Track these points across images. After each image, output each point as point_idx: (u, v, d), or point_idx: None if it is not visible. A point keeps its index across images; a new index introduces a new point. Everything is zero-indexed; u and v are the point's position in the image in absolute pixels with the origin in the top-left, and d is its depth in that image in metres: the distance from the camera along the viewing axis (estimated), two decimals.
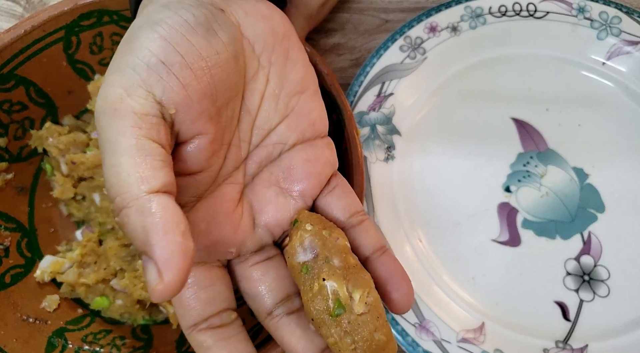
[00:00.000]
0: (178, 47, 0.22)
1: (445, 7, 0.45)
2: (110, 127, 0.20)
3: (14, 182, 0.37)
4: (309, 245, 0.23)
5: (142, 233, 0.18)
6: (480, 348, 0.36)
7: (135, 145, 0.20)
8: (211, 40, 0.23)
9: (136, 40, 0.22)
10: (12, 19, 0.50)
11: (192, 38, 0.22)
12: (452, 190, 0.41)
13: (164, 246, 0.18)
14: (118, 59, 0.22)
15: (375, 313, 0.22)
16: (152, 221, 0.18)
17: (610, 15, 0.44)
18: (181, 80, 0.22)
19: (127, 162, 0.19)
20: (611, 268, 0.39)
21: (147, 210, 0.18)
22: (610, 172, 0.41)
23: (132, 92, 0.21)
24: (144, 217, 0.18)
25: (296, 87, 0.27)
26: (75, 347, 0.34)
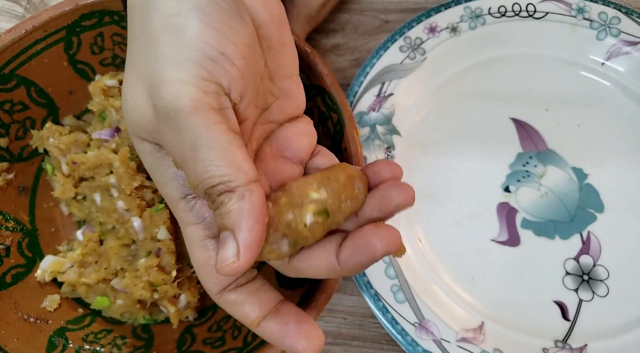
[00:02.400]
0: (229, 36, 0.22)
1: (445, 7, 0.45)
2: (196, 125, 0.21)
3: (15, 182, 0.38)
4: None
5: (236, 215, 0.21)
6: (480, 347, 0.36)
7: (228, 140, 0.21)
8: (245, 26, 0.23)
9: (184, 31, 0.22)
10: (13, 20, 0.50)
11: (234, 25, 0.23)
12: (451, 190, 0.42)
13: (252, 232, 0.21)
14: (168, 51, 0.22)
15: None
16: (249, 207, 0.21)
17: (610, 16, 0.44)
18: (240, 69, 0.23)
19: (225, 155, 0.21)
20: (610, 268, 0.39)
21: (247, 199, 0.21)
22: (609, 172, 0.41)
23: (205, 87, 0.21)
24: (244, 203, 0.21)
25: (286, 72, 0.28)
26: (76, 346, 0.34)
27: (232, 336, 0.34)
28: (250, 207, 0.21)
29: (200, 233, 0.24)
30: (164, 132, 0.22)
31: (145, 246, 0.35)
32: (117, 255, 0.36)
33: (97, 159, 0.36)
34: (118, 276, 0.36)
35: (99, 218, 0.37)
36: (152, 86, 0.22)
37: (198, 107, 0.21)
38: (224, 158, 0.21)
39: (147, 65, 0.22)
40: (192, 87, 0.21)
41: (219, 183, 0.21)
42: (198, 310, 0.37)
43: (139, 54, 0.23)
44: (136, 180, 0.35)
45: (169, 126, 0.21)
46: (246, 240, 0.21)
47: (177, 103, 0.21)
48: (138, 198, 0.36)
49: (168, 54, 0.21)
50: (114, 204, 0.36)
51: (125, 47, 0.39)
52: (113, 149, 0.37)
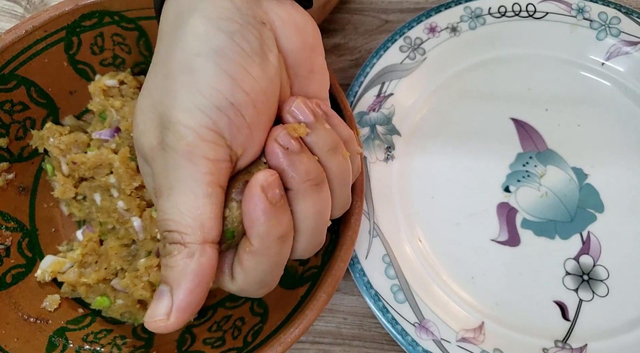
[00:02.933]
0: (243, 84, 0.22)
1: (445, 7, 0.45)
2: (183, 168, 0.21)
3: (15, 182, 0.38)
4: None
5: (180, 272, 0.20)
6: (480, 347, 0.36)
7: (205, 193, 0.21)
8: (266, 68, 0.23)
9: (198, 73, 0.22)
10: (13, 20, 0.50)
11: (252, 70, 0.22)
12: (451, 190, 0.42)
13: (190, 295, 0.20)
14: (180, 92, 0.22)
15: None
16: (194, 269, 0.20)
17: (610, 16, 0.44)
18: (247, 119, 0.22)
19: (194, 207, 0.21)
20: (610, 268, 0.39)
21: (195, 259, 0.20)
22: (609, 172, 0.41)
23: (205, 136, 0.21)
24: (191, 261, 0.20)
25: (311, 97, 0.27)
26: (76, 346, 0.34)
27: (232, 336, 0.34)
28: (196, 269, 0.20)
29: None
30: (157, 161, 0.22)
31: (145, 246, 0.35)
32: (117, 255, 0.36)
33: (97, 159, 0.36)
34: (118, 276, 0.36)
35: (99, 219, 0.37)
36: (161, 121, 0.22)
37: (192, 152, 0.21)
38: (192, 209, 0.21)
39: (161, 100, 0.23)
40: (193, 133, 0.21)
41: (175, 230, 0.21)
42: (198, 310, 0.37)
43: (156, 85, 0.23)
44: (136, 180, 0.35)
45: (162, 159, 0.22)
46: (181, 302, 0.20)
47: (175, 144, 0.21)
48: (138, 199, 0.36)
49: (181, 96, 0.22)
50: (114, 204, 0.36)
51: (125, 48, 0.39)
52: (113, 149, 0.37)
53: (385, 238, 0.39)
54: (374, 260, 0.38)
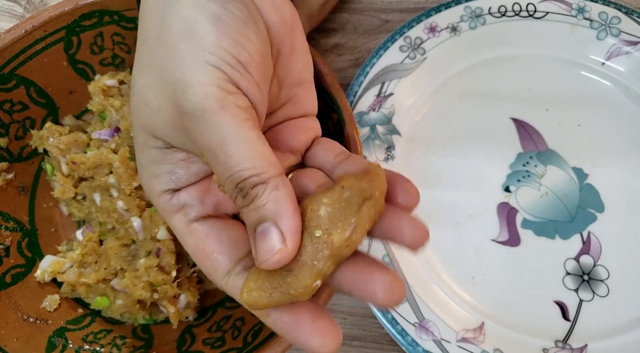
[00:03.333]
0: (245, 45, 0.23)
1: (445, 7, 0.45)
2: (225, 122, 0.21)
3: (15, 181, 0.38)
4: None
5: (275, 204, 0.21)
6: (480, 347, 0.36)
7: (256, 136, 0.22)
8: (258, 34, 0.24)
9: (202, 37, 0.22)
10: (12, 19, 0.50)
11: (248, 34, 0.23)
12: (451, 190, 0.42)
13: (292, 220, 0.21)
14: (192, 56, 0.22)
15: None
16: (288, 196, 0.21)
17: (610, 16, 0.44)
18: (255, 77, 0.23)
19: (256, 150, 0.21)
20: (610, 268, 0.39)
21: (282, 188, 0.21)
22: (609, 172, 0.41)
23: (228, 88, 0.22)
24: (280, 191, 0.21)
25: (296, 78, 0.27)
26: (76, 346, 0.34)
27: (232, 336, 0.34)
28: (288, 195, 0.21)
29: (183, 219, 0.25)
30: (192, 130, 0.22)
31: (145, 246, 0.35)
32: (116, 255, 0.36)
33: (96, 158, 0.36)
34: (118, 276, 0.36)
35: (98, 218, 0.37)
36: (175, 89, 0.22)
37: (224, 105, 0.21)
38: (255, 152, 0.21)
39: (167, 70, 0.23)
40: (217, 88, 0.22)
41: (251, 175, 0.21)
42: (198, 310, 0.37)
43: (155, 59, 0.23)
44: (136, 180, 0.35)
45: (197, 125, 0.22)
46: (291, 226, 0.21)
47: (204, 104, 0.21)
48: (138, 198, 0.36)
49: (188, 59, 0.22)
50: (114, 204, 0.36)
51: (125, 47, 0.39)
52: (113, 149, 0.37)
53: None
54: None
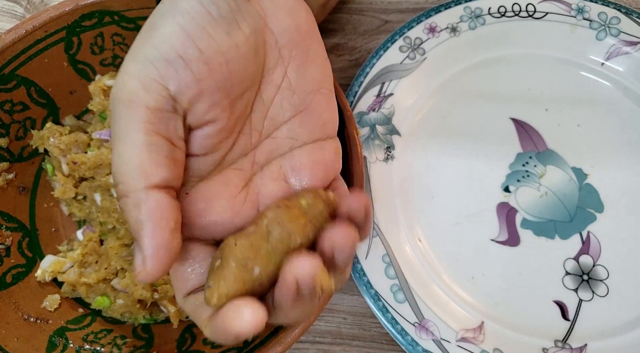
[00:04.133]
0: (197, 41, 0.22)
1: (445, 7, 0.45)
2: (123, 117, 0.21)
3: (16, 182, 0.38)
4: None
5: (135, 223, 0.20)
6: (480, 347, 0.36)
7: (144, 140, 0.21)
8: (232, 34, 0.23)
9: (157, 30, 0.22)
10: (13, 20, 0.50)
11: (212, 31, 0.23)
12: (451, 190, 0.42)
13: (151, 240, 0.20)
14: (138, 46, 0.22)
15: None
16: (145, 215, 0.20)
17: (609, 16, 0.44)
18: (196, 75, 0.22)
19: (133, 155, 0.21)
20: (610, 267, 0.39)
21: (142, 204, 0.20)
22: (609, 172, 0.41)
23: (148, 85, 0.22)
24: (139, 209, 0.20)
25: (312, 85, 0.27)
26: (76, 346, 0.34)
27: None
28: (146, 214, 0.20)
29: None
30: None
31: None
32: (117, 255, 0.36)
33: (97, 158, 0.36)
34: (118, 276, 0.36)
35: (99, 218, 0.37)
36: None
37: (132, 101, 0.21)
38: (132, 157, 0.21)
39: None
40: (136, 82, 0.21)
41: (119, 182, 0.21)
42: None
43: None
44: None
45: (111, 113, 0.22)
46: (148, 249, 0.20)
47: (118, 93, 0.22)
48: None
49: (135, 50, 0.22)
50: (114, 204, 0.36)
51: (125, 48, 0.39)
52: None
53: (385, 238, 0.39)
54: (374, 260, 0.38)
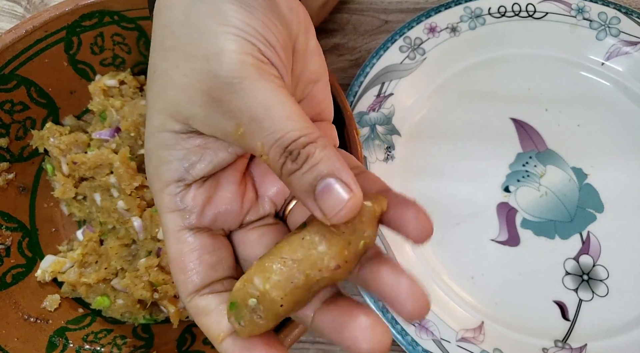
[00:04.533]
0: (272, 29, 0.23)
1: (445, 7, 0.45)
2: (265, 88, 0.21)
3: (16, 182, 0.38)
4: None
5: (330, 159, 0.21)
6: (480, 347, 0.36)
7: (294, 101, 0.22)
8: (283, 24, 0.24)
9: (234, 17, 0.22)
10: (13, 20, 0.50)
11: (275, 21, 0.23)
12: (451, 190, 0.42)
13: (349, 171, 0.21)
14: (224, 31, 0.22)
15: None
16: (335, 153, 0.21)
17: (609, 16, 0.44)
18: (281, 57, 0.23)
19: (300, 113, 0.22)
20: (610, 267, 0.39)
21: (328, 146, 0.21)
22: (609, 172, 0.41)
23: (261, 58, 0.22)
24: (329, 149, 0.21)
25: (312, 76, 0.27)
26: (76, 346, 0.34)
27: None
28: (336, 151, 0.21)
29: (178, 222, 0.24)
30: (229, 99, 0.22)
31: (146, 246, 0.35)
32: (117, 255, 0.36)
33: (97, 158, 0.36)
34: (118, 276, 0.36)
35: (99, 218, 0.37)
36: (209, 61, 0.22)
37: (262, 72, 0.22)
38: (298, 114, 0.21)
39: (198, 45, 0.22)
40: (251, 57, 0.22)
41: (300, 136, 0.21)
42: None
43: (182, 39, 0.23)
44: (136, 180, 0.35)
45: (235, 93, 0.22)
46: (350, 175, 0.21)
47: (242, 72, 0.21)
48: (138, 198, 0.36)
49: (220, 34, 0.22)
50: (114, 204, 0.36)
51: (125, 47, 0.39)
52: (113, 149, 0.37)
53: (385, 238, 0.39)
54: None
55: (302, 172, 0.21)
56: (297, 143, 0.21)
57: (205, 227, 0.24)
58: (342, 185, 0.20)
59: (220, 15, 0.22)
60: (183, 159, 0.24)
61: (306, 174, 0.21)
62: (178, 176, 0.24)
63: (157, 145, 0.24)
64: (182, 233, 0.24)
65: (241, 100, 0.21)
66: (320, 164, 0.21)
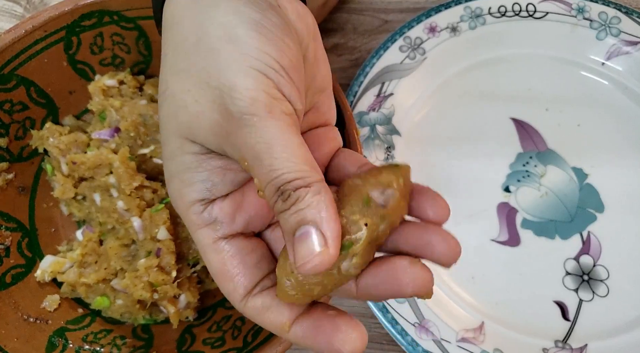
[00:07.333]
0: (285, 51, 0.23)
1: (445, 7, 0.45)
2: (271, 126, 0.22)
3: (15, 182, 0.38)
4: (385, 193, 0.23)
5: (316, 206, 0.21)
6: (480, 347, 0.36)
7: (301, 141, 0.22)
8: (295, 41, 0.24)
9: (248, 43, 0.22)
10: (12, 19, 0.50)
11: (287, 41, 0.23)
12: (451, 190, 0.42)
13: (335, 224, 0.21)
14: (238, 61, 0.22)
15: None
16: (328, 201, 0.21)
17: (610, 16, 0.44)
18: (295, 82, 0.23)
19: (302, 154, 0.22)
20: (610, 268, 0.39)
21: (323, 193, 0.21)
22: (609, 172, 0.41)
23: (274, 94, 0.22)
24: (322, 196, 0.21)
25: (319, 85, 0.28)
26: (76, 346, 0.34)
27: (232, 336, 0.34)
28: (329, 200, 0.21)
29: (210, 235, 0.24)
30: (237, 134, 0.22)
31: (145, 246, 0.35)
32: (117, 255, 0.36)
33: (96, 158, 0.36)
34: (118, 276, 0.36)
35: (98, 219, 0.37)
36: (222, 94, 0.22)
37: (272, 110, 0.22)
38: (299, 156, 0.22)
39: (211, 74, 0.23)
40: (264, 94, 0.22)
41: (295, 178, 0.21)
42: (198, 310, 0.37)
43: (196, 63, 0.23)
44: (136, 180, 0.35)
45: (243, 129, 0.22)
46: (333, 230, 0.20)
47: (252, 109, 0.22)
48: (138, 199, 0.36)
49: (233, 64, 0.22)
50: (114, 204, 0.36)
51: (124, 47, 0.39)
52: (113, 149, 0.37)
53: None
54: None
55: (289, 214, 0.21)
56: (290, 184, 0.21)
57: (238, 233, 0.25)
58: (318, 237, 0.20)
59: (234, 41, 0.22)
60: (206, 180, 0.24)
61: (292, 216, 0.21)
62: (201, 196, 0.24)
63: (180, 168, 0.24)
64: (217, 244, 0.24)
65: (248, 137, 0.22)
66: (306, 210, 0.21)
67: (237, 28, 0.22)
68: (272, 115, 0.22)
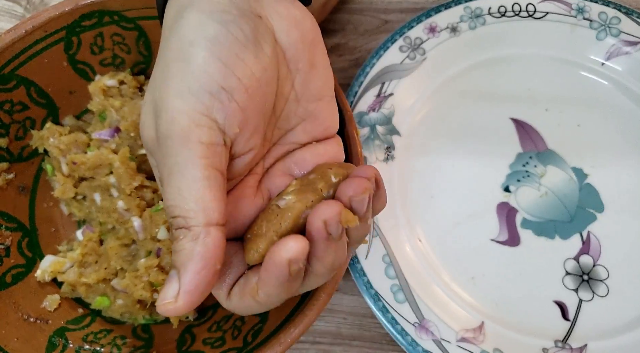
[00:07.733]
0: (235, 70, 0.22)
1: (445, 7, 0.45)
2: (179, 153, 0.22)
3: (15, 182, 0.38)
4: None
5: (187, 255, 0.21)
6: (480, 347, 0.36)
7: (202, 176, 0.21)
8: (260, 57, 0.23)
9: (193, 61, 0.22)
10: (12, 19, 0.50)
11: (245, 57, 0.23)
12: (451, 190, 0.42)
13: (197, 277, 0.20)
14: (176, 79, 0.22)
15: None
16: (200, 252, 0.21)
17: (610, 16, 0.44)
18: (240, 103, 0.23)
19: (194, 190, 0.21)
20: (610, 268, 0.39)
21: (200, 240, 0.21)
22: (609, 172, 0.41)
23: (198, 120, 0.22)
24: (196, 244, 0.21)
25: (316, 94, 0.27)
26: (76, 346, 0.34)
27: (232, 336, 0.34)
28: (202, 251, 0.21)
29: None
30: (157, 151, 0.23)
31: (145, 246, 0.35)
32: (117, 255, 0.36)
33: (97, 158, 0.36)
34: (118, 276, 0.36)
35: (99, 218, 0.37)
36: (156, 110, 0.23)
37: (186, 136, 0.22)
38: (192, 192, 0.21)
39: (157, 89, 0.23)
40: (186, 118, 0.22)
41: (178, 216, 0.21)
42: (198, 310, 0.37)
43: (155, 77, 0.24)
44: (136, 180, 0.35)
45: (161, 148, 0.22)
46: (188, 285, 0.20)
47: (169, 130, 0.22)
48: (138, 198, 0.36)
49: (173, 83, 0.22)
50: (114, 204, 0.36)
51: (125, 47, 0.39)
52: (113, 149, 0.37)
53: (385, 238, 0.39)
54: (374, 260, 0.38)
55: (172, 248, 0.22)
56: (174, 221, 0.21)
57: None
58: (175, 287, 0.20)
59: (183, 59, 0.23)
60: None
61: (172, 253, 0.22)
62: None
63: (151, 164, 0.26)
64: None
65: (161, 158, 0.22)
66: (178, 253, 0.21)
67: (190, 46, 0.23)
68: (184, 143, 0.22)
